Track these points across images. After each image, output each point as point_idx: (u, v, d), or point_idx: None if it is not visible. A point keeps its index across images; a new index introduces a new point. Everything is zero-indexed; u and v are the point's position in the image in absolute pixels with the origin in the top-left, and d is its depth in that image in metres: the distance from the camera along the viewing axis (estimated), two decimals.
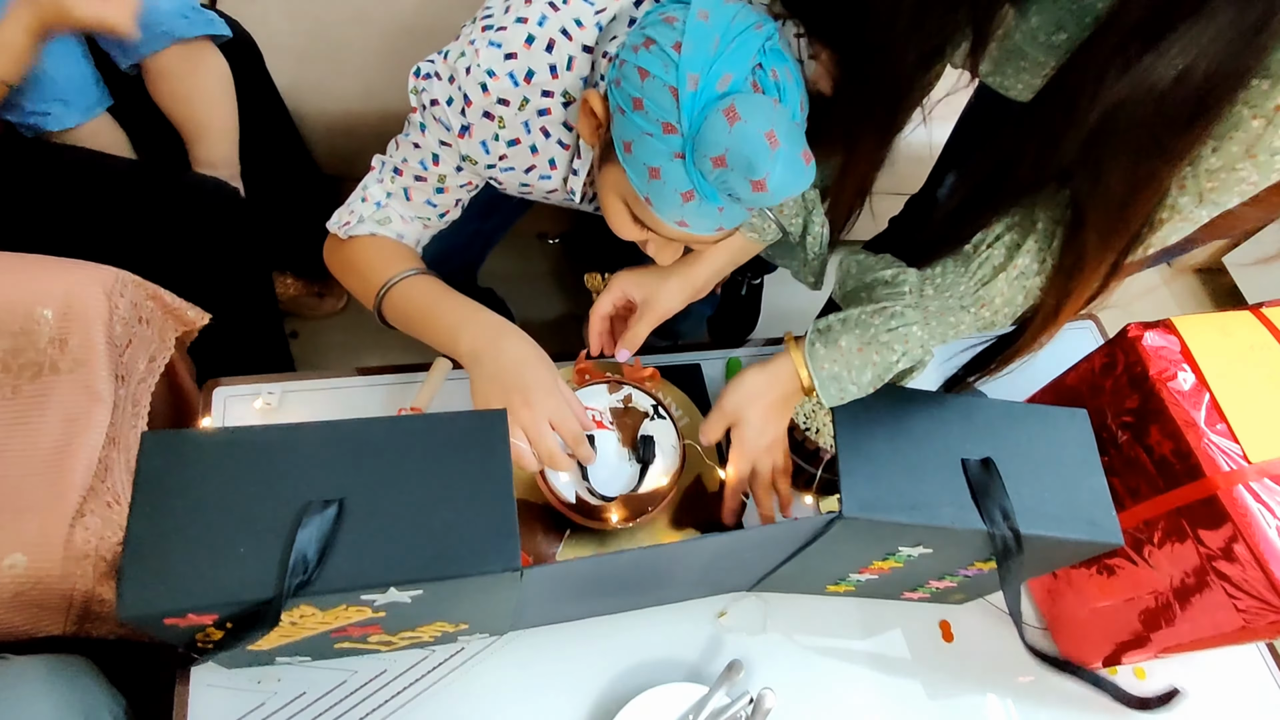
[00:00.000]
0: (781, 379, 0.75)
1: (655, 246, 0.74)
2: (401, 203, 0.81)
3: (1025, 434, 0.72)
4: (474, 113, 0.72)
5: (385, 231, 0.81)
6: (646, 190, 0.63)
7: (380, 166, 0.81)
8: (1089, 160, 0.58)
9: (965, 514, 0.67)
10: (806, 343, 0.74)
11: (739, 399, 0.76)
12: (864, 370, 0.71)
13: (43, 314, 0.85)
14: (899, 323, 0.71)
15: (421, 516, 0.58)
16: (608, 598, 0.77)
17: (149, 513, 0.55)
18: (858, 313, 0.73)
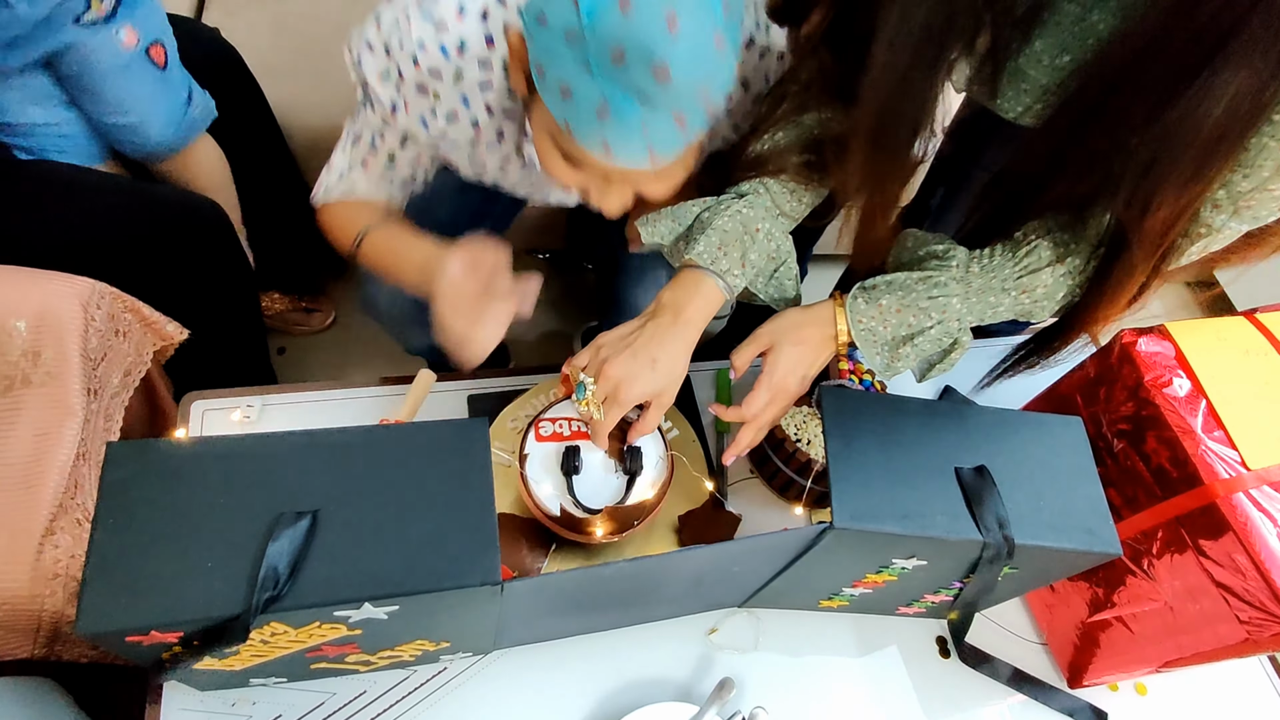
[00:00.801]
0: (821, 320, 0.76)
1: (597, 193, 0.70)
2: (360, 173, 0.83)
3: (1019, 442, 0.70)
4: (408, 88, 0.71)
5: (347, 194, 0.84)
6: (563, 114, 0.60)
7: (345, 134, 0.83)
8: (1138, 191, 0.57)
9: (960, 523, 0.65)
10: (849, 296, 0.75)
11: (777, 326, 0.76)
12: (899, 328, 0.73)
13: (15, 326, 0.83)
14: (940, 292, 0.72)
15: (398, 529, 0.56)
16: (594, 614, 0.74)
17: (113, 525, 0.53)
18: (904, 277, 0.74)
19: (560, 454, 0.76)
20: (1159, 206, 0.57)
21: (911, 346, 0.75)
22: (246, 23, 1.33)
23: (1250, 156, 0.55)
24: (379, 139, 0.80)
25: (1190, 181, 0.55)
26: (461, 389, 0.92)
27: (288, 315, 1.56)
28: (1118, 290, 0.67)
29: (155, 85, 1.00)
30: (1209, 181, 0.55)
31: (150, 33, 0.96)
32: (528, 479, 0.74)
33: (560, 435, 0.77)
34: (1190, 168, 0.54)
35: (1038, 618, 0.89)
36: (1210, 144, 0.52)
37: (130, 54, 0.96)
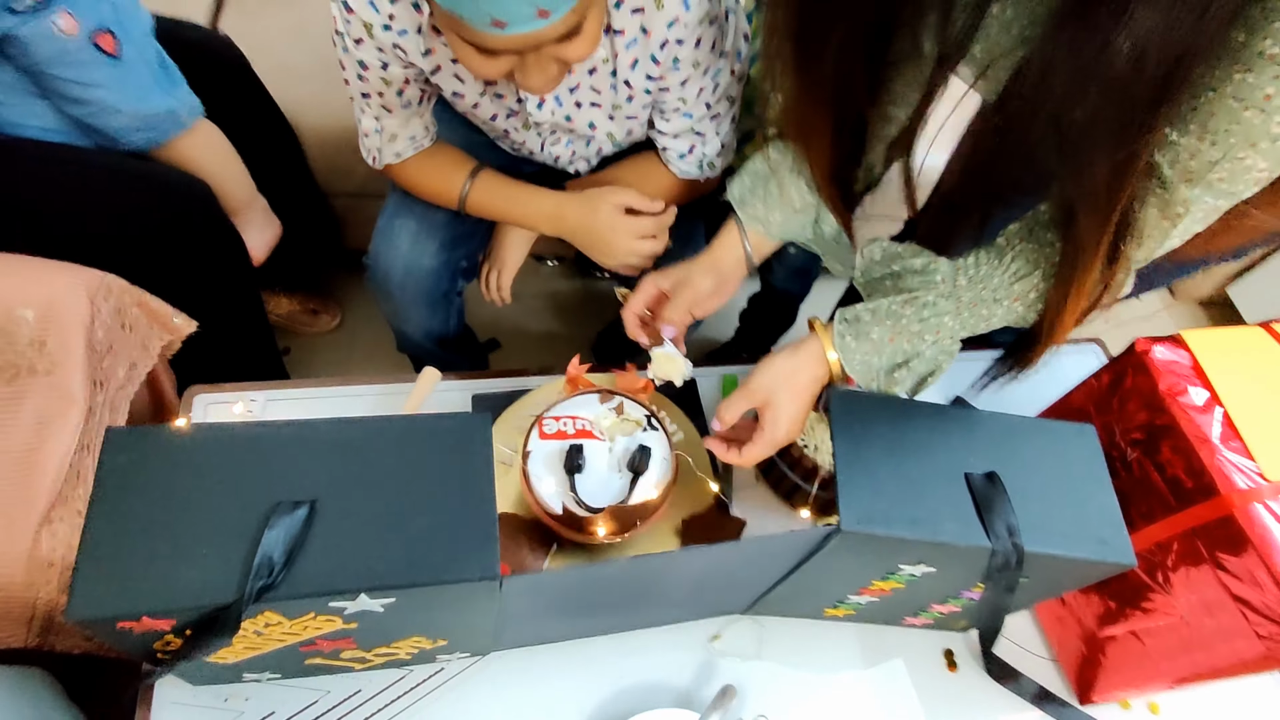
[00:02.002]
0: (811, 361, 0.73)
1: (520, 73, 0.71)
2: (388, 117, 0.89)
3: (1031, 449, 0.69)
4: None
5: (404, 147, 0.93)
6: (447, 3, 0.61)
7: (354, 99, 0.88)
8: (1068, 156, 0.57)
9: (969, 529, 0.64)
10: (835, 334, 0.72)
11: (770, 380, 0.73)
12: (894, 356, 0.71)
13: (23, 314, 0.83)
14: (930, 313, 0.70)
15: (396, 521, 0.55)
16: (595, 617, 0.73)
17: (108, 510, 0.52)
18: (888, 303, 0.71)
19: (563, 452, 0.75)
20: (1092, 162, 0.55)
21: (906, 370, 0.73)
22: (263, 26, 1.34)
23: (1215, 121, 0.53)
24: (364, 72, 0.83)
25: (1120, 131, 0.53)
26: (466, 388, 0.91)
27: (295, 316, 1.55)
28: (1075, 276, 0.63)
29: (107, 74, 0.96)
30: (1142, 131, 0.53)
31: (93, 20, 0.93)
32: (530, 476, 0.74)
33: (564, 433, 0.76)
34: (1114, 114, 0.52)
35: (1047, 631, 0.87)
36: (1125, 85, 0.50)
37: (72, 41, 0.92)
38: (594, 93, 0.87)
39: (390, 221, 1.01)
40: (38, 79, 0.96)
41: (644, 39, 0.80)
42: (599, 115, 0.90)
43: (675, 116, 0.89)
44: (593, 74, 0.84)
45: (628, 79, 0.84)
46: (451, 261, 1.03)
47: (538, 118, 0.89)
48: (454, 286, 1.07)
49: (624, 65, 0.83)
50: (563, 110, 0.89)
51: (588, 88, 0.86)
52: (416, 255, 1.00)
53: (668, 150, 0.94)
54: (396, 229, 1.00)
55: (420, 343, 1.14)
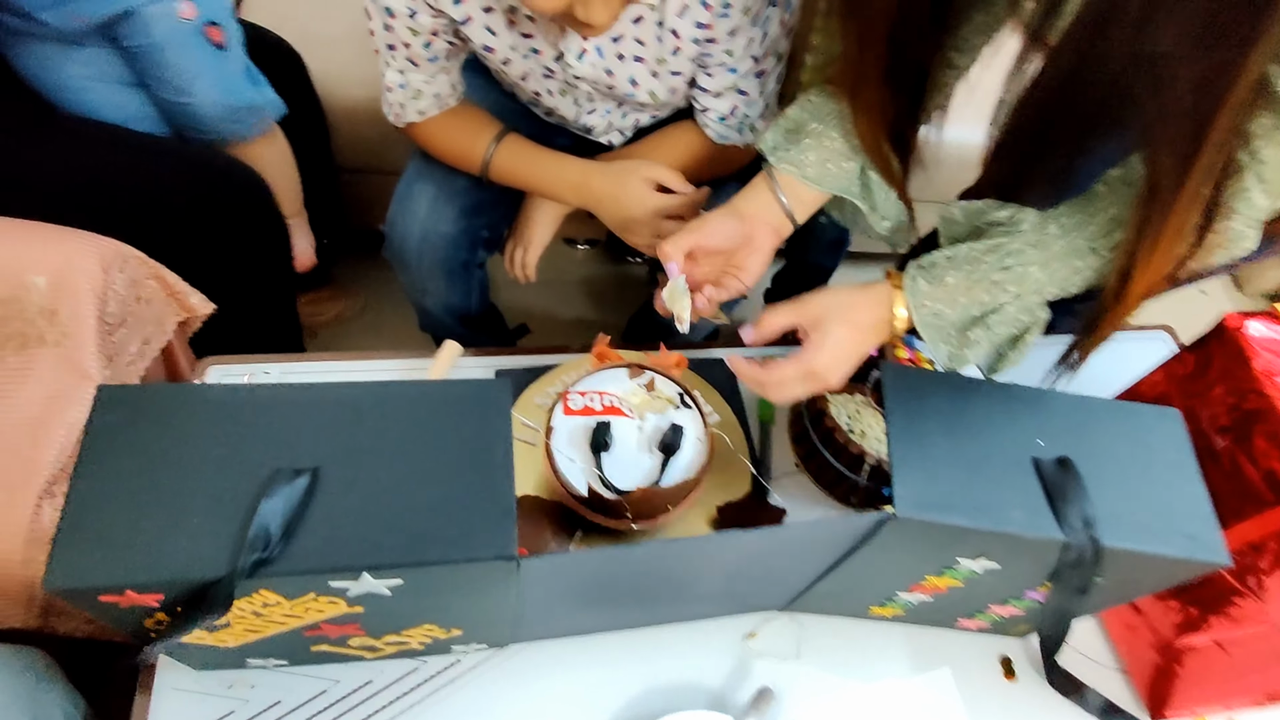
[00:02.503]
0: (876, 303, 0.65)
1: (581, 6, 0.66)
2: (414, 71, 0.86)
3: (1108, 433, 0.62)
4: None
5: (428, 105, 0.89)
6: None
7: (379, 52, 0.85)
8: (1142, 64, 0.50)
9: (1039, 519, 0.57)
10: (908, 277, 0.65)
11: (827, 303, 0.65)
12: (970, 308, 0.64)
13: (34, 281, 0.80)
14: (1015, 261, 0.63)
15: (406, 493, 0.50)
16: (621, 609, 0.68)
17: (95, 472, 0.48)
18: (967, 249, 0.64)
19: (590, 430, 0.70)
20: (1173, 77, 0.48)
21: (984, 329, 0.66)
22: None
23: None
24: (390, 19, 0.80)
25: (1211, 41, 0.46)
26: (488, 364, 0.87)
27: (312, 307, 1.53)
28: (1151, 220, 0.56)
29: (210, 63, 1.00)
30: (1244, 44, 0.46)
31: (209, 11, 0.97)
32: (554, 454, 0.68)
33: (591, 409, 0.71)
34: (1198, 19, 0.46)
35: (1115, 640, 0.79)
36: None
37: (188, 26, 0.96)
38: (638, 44, 0.82)
39: (409, 187, 0.97)
40: (139, 62, 0.98)
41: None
42: (641, 71, 0.84)
43: (719, 71, 0.84)
44: (638, 23, 0.79)
45: (675, 28, 0.79)
46: (471, 229, 0.98)
47: (578, 70, 0.84)
48: (474, 257, 1.02)
49: (671, 12, 0.77)
50: (604, 63, 0.84)
51: (632, 39, 0.81)
52: (434, 221, 0.96)
53: (708, 111, 0.89)
54: (415, 194, 0.96)
55: (441, 318, 1.10)
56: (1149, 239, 0.57)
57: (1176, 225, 0.56)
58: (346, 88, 1.24)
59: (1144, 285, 0.60)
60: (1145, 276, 0.59)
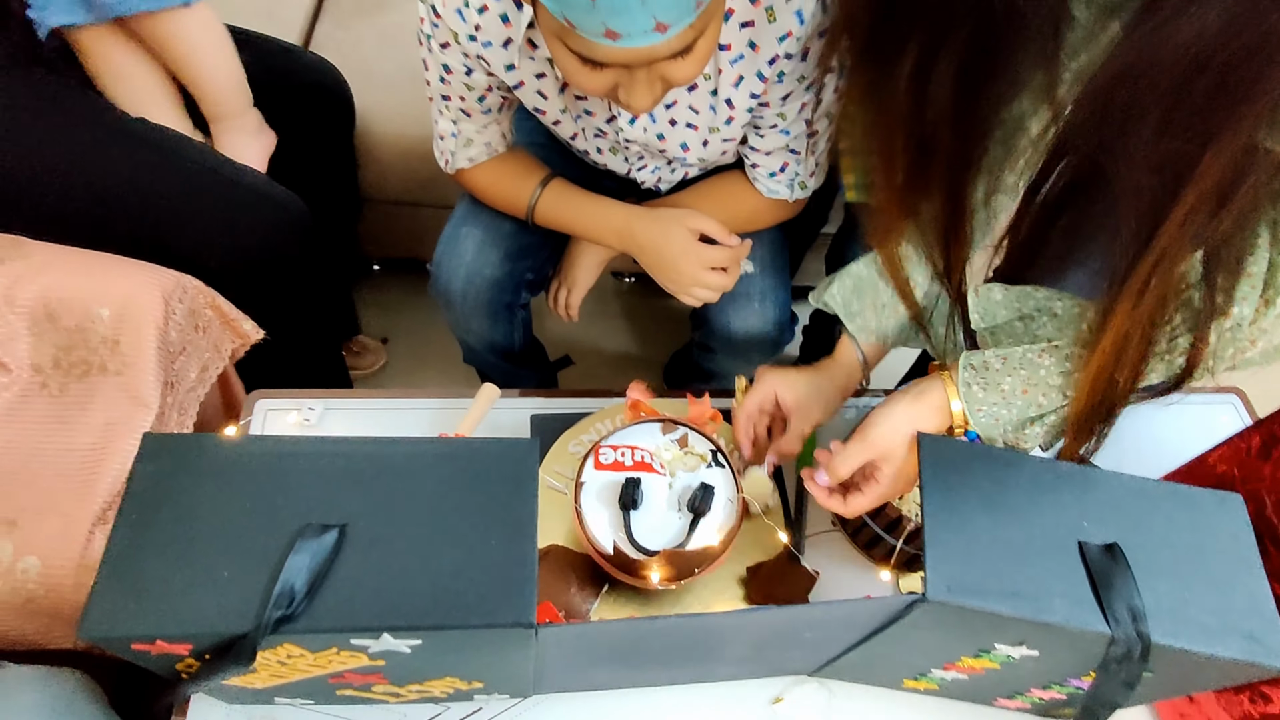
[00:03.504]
0: (936, 411, 0.66)
1: (624, 90, 0.66)
2: (466, 121, 0.87)
3: (1161, 518, 0.59)
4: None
5: (478, 153, 0.91)
6: (560, 8, 0.57)
7: (433, 100, 0.87)
8: (1106, 143, 0.51)
9: (1082, 610, 0.54)
10: (961, 382, 0.65)
11: (890, 432, 0.66)
12: (1026, 409, 0.63)
13: (99, 312, 0.84)
14: (1075, 366, 0.61)
15: (428, 554, 0.51)
16: (645, 668, 0.67)
17: (135, 521, 0.50)
18: (1022, 351, 0.63)
19: (619, 486, 0.69)
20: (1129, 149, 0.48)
21: (1040, 425, 0.65)
22: (356, 33, 1.36)
23: None
24: (447, 75, 0.81)
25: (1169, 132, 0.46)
26: (525, 408, 0.87)
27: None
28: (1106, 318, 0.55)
29: None
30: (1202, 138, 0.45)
31: None
32: (581, 509, 0.68)
33: (621, 464, 0.71)
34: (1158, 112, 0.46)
35: None
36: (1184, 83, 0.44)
37: None
38: (691, 112, 0.82)
39: (456, 229, 0.99)
40: None
41: (751, 54, 0.75)
42: (693, 136, 0.85)
43: (771, 133, 0.83)
44: (692, 91, 0.80)
45: (730, 98, 0.79)
46: (516, 273, 1.00)
47: (629, 135, 0.85)
48: (517, 299, 1.03)
49: (726, 83, 0.77)
50: (655, 128, 0.84)
51: (685, 106, 0.81)
52: (479, 265, 0.97)
53: (757, 168, 0.89)
54: (462, 237, 0.98)
55: (483, 355, 1.11)
56: (1102, 333, 0.56)
57: (1119, 326, 0.54)
58: (401, 124, 1.27)
59: (1086, 389, 0.59)
60: (1089, 381, 0.58)
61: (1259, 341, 0.58)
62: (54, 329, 0.81)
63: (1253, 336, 0.58)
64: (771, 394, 0.76)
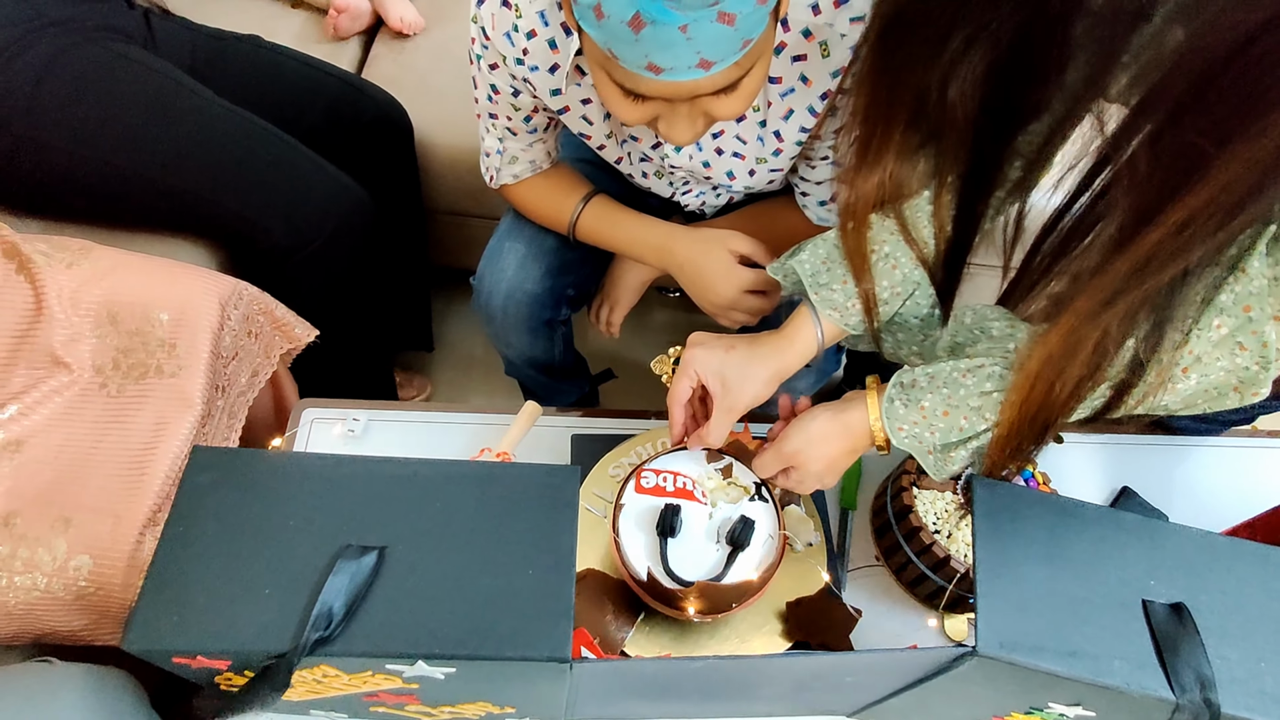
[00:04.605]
0: (853, 429, 0.65)
1: (665, 122, 0.65)
2: (512, 139, 0.88)
3: (1233, 578, 0.56)
4: (493, 3, 0.72)
5: (523, 169, 0.91)
6: (603, 38, 0.55)
7: (480, 116, 0.88)
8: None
9: (1145, 674, 0.51)
10: (885, 397, 0.63)
11: (802, 442, 0.67)
12: (948, 433, 0.60)
13: (159, 317, 0.86)
14: (995, 386, 0.59)
15: (466, 580, 0.51)
16: (680, 701, 0.65)
17: (181, 534, 0.51)
18: (949, 368, 0.61)
19: (658, 512, 0.68)
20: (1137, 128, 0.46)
21: (965, 449, 0.62)
22: (410, 47, 1.39)
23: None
24: (494, 95, 0.82)
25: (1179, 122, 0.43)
26: (566, 426, 0.87)
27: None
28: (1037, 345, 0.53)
29: None
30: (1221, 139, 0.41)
31: None
32: (619, 534, 0.67)
33: (662, 489, 0.70)
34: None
35: None
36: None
37: None
38: (739, 142, 0.81)
39: (500, 244, 0.99)
40: None
41: (803, 88, 0.73)
42: (739, 166, 0.84)
43: (822, 165, 0.82)
44: (740, 121, 0.78)
45: (779, 130, 0.77)
46: (556, 289, 0.99)
47: (674, 161, 0.84)
48: (557, 315, 1.03)
49: (776, 115, 0.76)
50: (701, 156, 0.83)
51: (733, 136, 0.80)
52: (521, 280, 0.97)
53: (808, 196, 0.87)
54: (505, 251, 0.98)
55: (524, 369, 1.11)
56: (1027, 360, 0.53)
57: (1072, 326, 0.51)
58: (451, 136, 1.29)
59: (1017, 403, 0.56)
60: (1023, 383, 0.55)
61: (1191, 372, 0.54)
62: (115, 331, 0.83)
63: (1184, 364, 0.53)
64: (697, 378, 0.71)
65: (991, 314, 0.63)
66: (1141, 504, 0.85)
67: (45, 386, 0.77)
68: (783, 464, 0.69)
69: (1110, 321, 0.50)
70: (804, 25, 0.68)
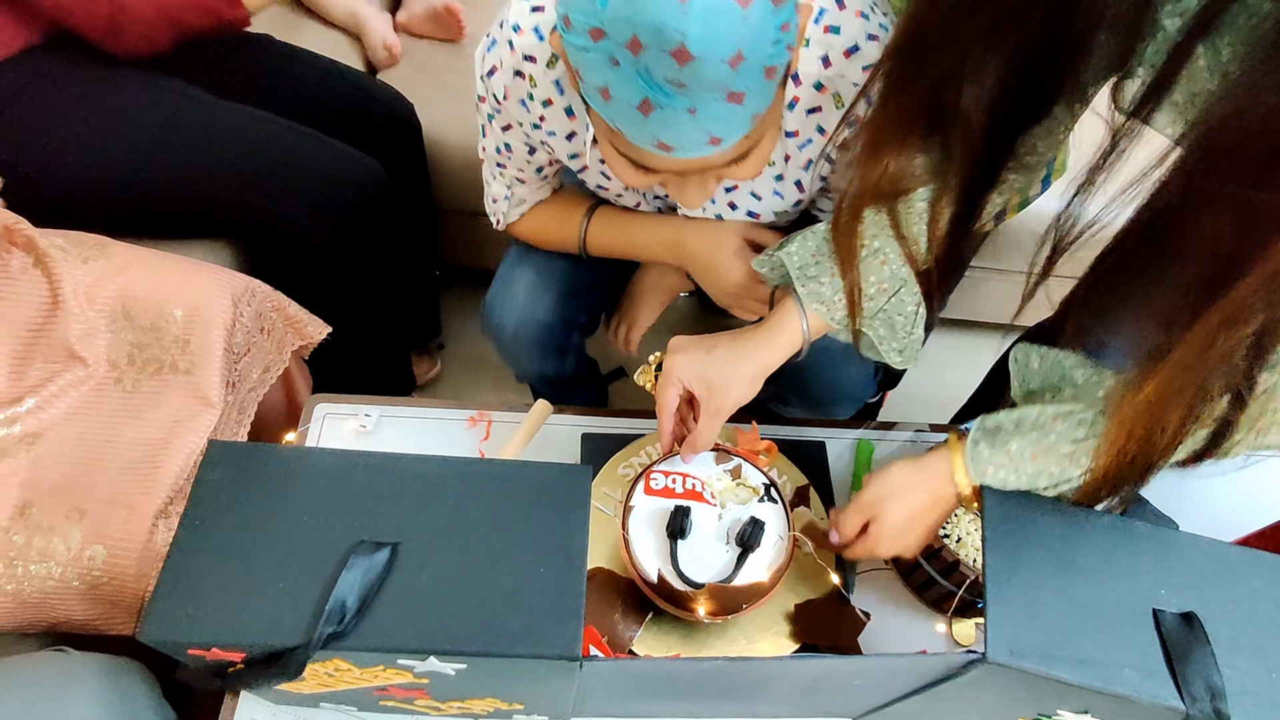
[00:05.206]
0: (934, 479, 0.64)
1: (675, 189, 0.65)
2: (520, 186, 0.88)
3: (1245, 588, 0.56)
4: (506, 73, 0.71)
5: (529, 207, 0.91)
6: (610, 117, 0.55)
7: (485, 162, 0.88)
8: (1192, 188, 0.47)
9: (1155, 683, 0.51)
10: (969, 441, 0.61)
11: (881, 492, 0.66)
12: (1037, 478, 0.59)
13: (174, 313, 0.86)
14: (1088, 432, 0.57)
15: (478, 578, 0.51)
16: (687, 701, 0.66)
17: (197, 527, 0.51)
18: (1036, 412, 0.59)
19: (668, 513, 0.68)
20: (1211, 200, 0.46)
21: (1052, 493, 0.60)
22: (421, 47, 1.39)
23: None
24: (505, 151, 0.82)
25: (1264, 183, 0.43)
26: (577, 425, 0.87)
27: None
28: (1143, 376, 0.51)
29: None
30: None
31: None
32: (629, 534, 0.68)
33: (671, 491, 0.70)
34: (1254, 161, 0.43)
35: None
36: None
37: None
38: (754, 199, 0.80)
39: (510, 270, 0.97)
40: None
41: (820, 139, 0.72)
42: (759, 207, 0.83)
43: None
44: (755, 179, 0.77)
45: (799, 180, 0.77)
46: (568, 315, 0.98)
47: (691, 214, 0.85)
48: (569, 340, 1.02)
49: (795, 167, 0.75)
50: (715, 208, 0.83)
51: (747, 193, 0.80)
52: (532, 309, 0.96)
53: (823, 213, 0.86)
54: (515, 278, 0.96)
55: (534, 381, 1.11)
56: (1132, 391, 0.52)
57: (1171, 378, 0.50)
58: (462, 135, 1.29)
59: (1111, 451, 0.55)
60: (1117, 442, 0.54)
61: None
62: (130, 327, 0.84)
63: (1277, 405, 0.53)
64: (682, 385, 0.70)
65: (1066, 359, 0.63)
66: (1152, 512, 0.85)
67: (61, 380, 0.78)
68: (864, 516, 0.67)
69: (1209, 369, 0.50)
70: (815, 79, 0.67)
